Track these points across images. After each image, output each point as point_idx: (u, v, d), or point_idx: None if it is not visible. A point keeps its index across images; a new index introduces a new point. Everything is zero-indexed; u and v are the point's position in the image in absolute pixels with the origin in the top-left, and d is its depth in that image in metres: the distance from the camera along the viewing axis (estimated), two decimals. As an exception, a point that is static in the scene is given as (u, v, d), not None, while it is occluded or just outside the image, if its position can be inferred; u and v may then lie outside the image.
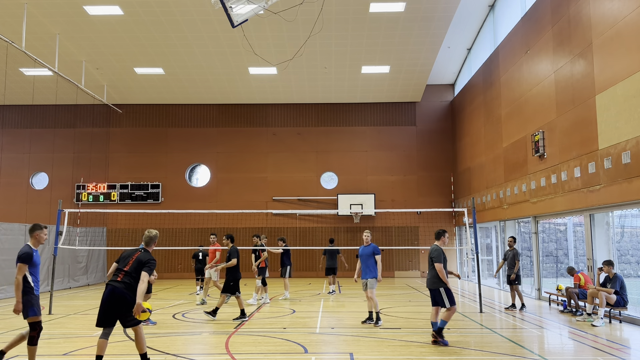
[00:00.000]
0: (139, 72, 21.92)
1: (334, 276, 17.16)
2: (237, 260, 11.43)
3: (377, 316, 10.46)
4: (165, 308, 13.38)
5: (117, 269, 6.76)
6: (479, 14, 20.33)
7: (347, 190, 24.82)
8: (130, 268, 6.67)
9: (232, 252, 11.52)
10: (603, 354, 7.87)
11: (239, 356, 7.73)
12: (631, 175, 10.42)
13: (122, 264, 6.78)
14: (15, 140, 25.79)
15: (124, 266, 6.73)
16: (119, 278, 6.62)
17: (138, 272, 6.63)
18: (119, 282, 6.57)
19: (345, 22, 17.68)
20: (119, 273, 6.68)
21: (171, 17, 17.25)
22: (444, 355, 7.70)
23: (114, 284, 6.57)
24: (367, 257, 10.69)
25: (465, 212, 15.24)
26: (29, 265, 6.70)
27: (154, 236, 7.08)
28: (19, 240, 17.07)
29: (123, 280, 6.59)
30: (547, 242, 16.34)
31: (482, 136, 20.29)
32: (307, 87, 23.75)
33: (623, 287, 10.67)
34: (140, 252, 6.86)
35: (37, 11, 16.81)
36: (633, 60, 10.35)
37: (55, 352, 7.68)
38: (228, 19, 10.67)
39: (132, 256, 6.80)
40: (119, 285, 6.55)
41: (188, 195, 25.10)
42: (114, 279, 6.65)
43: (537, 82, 15.06)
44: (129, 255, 6.83)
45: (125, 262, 6.76)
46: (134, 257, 6.77)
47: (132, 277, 6.63)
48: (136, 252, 6.88)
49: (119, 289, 6.52)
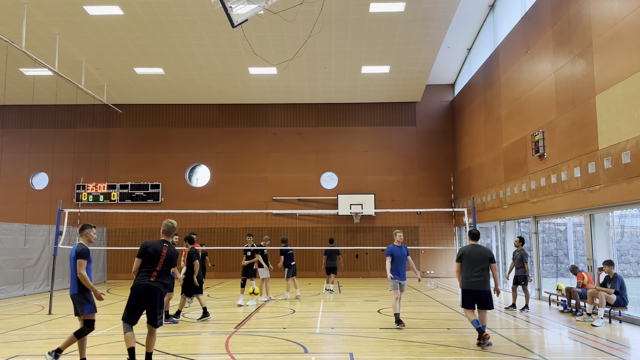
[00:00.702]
0: (139, 72, 21.92)
1: (333, 275, 17.17)
2: (198, 262, 11.35)
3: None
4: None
5: (148, 269, 6.69)
6: (479, 14, 20.33)
7: (347, 190, 24.82)
8: (163, 267, 6.76)
9: (191, 254, 11.40)
10: (603, 354, 7.87)
11: (239, 356, 7.73)
12: (631, 175, 10.42)
13: (152, 262, 6.72)
14: (15, 140, 25.80)
15: (155, 265, 6.71)
16: (152, 278, 6.66)
17: (169, 269, 6.86)
18: (154, 282, 6.65)
19: (345, 22, 17.68)
20: (151, 272, 6.68)
21: (171, 17, 17.25)
22: (444, 355, 7.70)
23: (149, 283, 6.62)
24: (404, 257, 10.39)
25: (465, 212, 15.26)
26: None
27: (173, 226, 7.05)
28: (18, 240, 17.07)
29: (158, 281, 6.68)
30: (547, 242, 16.34)
31: (482, 136, 20.29)
32: (307, 87, 23.75)
33: (623, 287, 10.68)
34: (167, 247, 6.88)
35: (37, 11, 16.81)
36: (633, 60, 10.35)
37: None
38: (228, 19, 10.67)
39: (162, 253, 6.78)
40: (155, 284, 6.65)
41: (188, 195, 25.10)
42: (146, 279, 6.64)
43: (537, 82, 15.05)
44: (158, 252, 6.77)
45: (156, 261, 6.73)
46: (164, 255, 6.79)
47: (165, 276, 6.79)
48: (162, 247, 6.84)
49: (155, 287, 6.64)
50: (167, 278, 6.88)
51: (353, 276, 23.92)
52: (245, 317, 11.69)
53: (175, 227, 7.07)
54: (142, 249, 6.77)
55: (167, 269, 6.84)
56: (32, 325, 10.68)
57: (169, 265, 6.88)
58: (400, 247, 10.34)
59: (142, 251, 6.77)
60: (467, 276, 8.55)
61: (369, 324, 10.75)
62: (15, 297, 16.39)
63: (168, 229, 7.01)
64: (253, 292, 13.65)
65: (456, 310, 12.83)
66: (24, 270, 17.25)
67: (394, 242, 10.39)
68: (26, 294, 17.14)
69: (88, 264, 7.02)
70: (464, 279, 8.59)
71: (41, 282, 18.14)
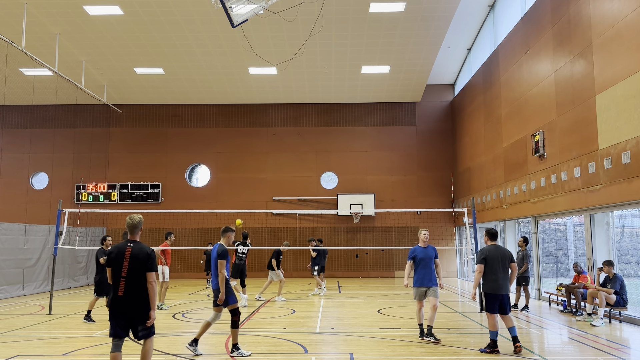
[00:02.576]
0: (139, 72, 21.91)
1: (322, 274, 17.32)
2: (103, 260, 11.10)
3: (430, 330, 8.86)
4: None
5: (115, 278, 5.73)
6: (479, 14, 20.33)
7: (347, 190, 24.82)
8: (129, 272, 5.70)
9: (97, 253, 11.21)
10: (603, 354, 7.87)
11: (239, 356, 7.72)
12: (631, 175, 10.42)
13: (117, 268, 5.74)
14: (15, 140, 25.79)
15: (120, 271, 5.71)
16: (119, 291, 5.67)
17: (141, 274, 5.73)
18: (122, 296, 5.68)
19: (345, 22, 17.68)
20: (118, 283, 5.69)
21: (171, 17, 17.24)
22: (444, 356, 7.70)
23: (118, 298, 5.69)
24: (431, 260, 8.99)
25: (465, 212, 15.25)
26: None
27: (138, 222, 5.98)
28: (18, 240, 17.07)
29: (126, 292, 5.67)
30: (547, 242, 16.34)
31: (482, 136, 20.29)
32: (307, 87, 23.75)
33: (623, 287, 10.68)
34: (131, 247, 5.80)
35: (37, 11, 16.81)
36: (633, 60, 10.35)
37: (55, 352, 7.67)
38: (228, 19, 10.67)
39: (124, 256, 5.75)
40: (124, 297, 5.68)
41: (188, 195, 25.10)
42: (115, 291, 5.70)
43: (537, 82, 15.05)
44: (121, 255, 5.76)
45: (120, 266, 5.71)
46: (127, 257, 5.74)
47: (136, 283, 5.70)
48: (126, 248, 5.80)
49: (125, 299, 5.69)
50: (140, 285, 5.72)
51: (353, 276, 23.91)
52: (245, 317, 11.69)
53: (138, 224, 5.96)
54: (107, 255, 5.88)
55: (136, 274, 5.72)
56: (32, 325, 10.68)
57: (139, 269, 5.73)
58: (426, 248, 9.03)
59: (107, 258, 5.87)
60: (492, 279, 8.01)
61: (369, 324, 10.75)
62: (15, 297, 16.38)
63: (130, 226, 5.96)
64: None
65: (456, 310, 12.84)
66: (24, 270, 17.24)
67: (419, 243, 9.14)
68: (26, 294, 17.14)
69: (227, 263, 7.85)
70: (489, 282, 8.03)
71: (41, 282, 18.13)
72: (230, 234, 8.15)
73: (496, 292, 7.97)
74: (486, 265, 8.08)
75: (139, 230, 5.97)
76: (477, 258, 8.33)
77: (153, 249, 6.00)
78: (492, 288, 8.01)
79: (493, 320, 8.00)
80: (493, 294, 8.00)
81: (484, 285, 8.15)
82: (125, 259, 5.73)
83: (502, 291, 7.98)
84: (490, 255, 8.09)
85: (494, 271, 8.02)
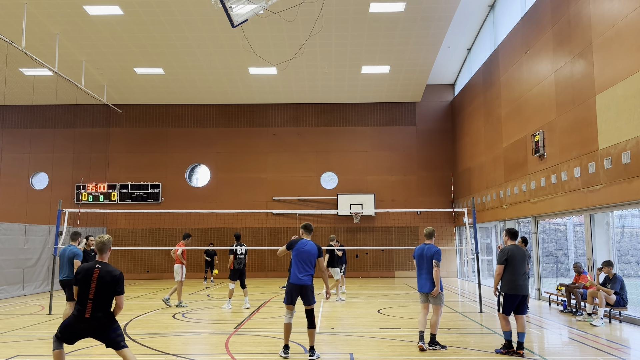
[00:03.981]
0: (139, 72, 21.91)
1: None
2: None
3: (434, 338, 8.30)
4: (165, 308, 13.38)
5: (82, 299, 5.53)
6: (479, 14, 20.33)
7: (347, 190, 24.82)
8: (96, 294, 5.51)
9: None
10: (603, 354, 7.87)
11: (239, 356, 7.73)
12: (631, 175, 10.42)
13: (84, 290, 5.55)
14: (15, 140, 25.79)
15: (87, 293, 5.52)
16: (87, 313, 5.48)
17: (109, 298, 5.60)
18: (89, 318, 5.49)
19: (345, 22, 17.68)
20: (85, 304, 5.50)
21: (171, 17, 17.24)
22: (444, 356, 7.69)
23: (83, 320, 5.50)
24: (423, 261, 8.38)
25: (465, 212, 15.26)
26: None
27: (107, 241, 5.80)
28: (18, 240, 17.08)
29: (93, 315, 5.49)
30: (547, 242, 16.34)
31: (482, 136, 20.29)
32: (307, 87, 23.75)
33: (623, 287, 10.68)
34: (99, 269, 5.59)
35: (37, 11, 16.81)
36: (633, 60, 10.35)
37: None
38: (228, 19, 10.67)
39: (92, 278, 5.54)
40: (92, 320, 5.50)
41: (188, 195, 25.09)
42: (82, 314, 5.49)
43: (537, 82, 15.05)
44: (88, 277, 5.56)
45: (87, 288, 5.53)
46: (94, 279, 5.54)
47: (104, 306, 5.56)
48: (93, 270, 5.59)
49: (92, 321, 5.51)
50: (107, 308, 5.60)
51: (353, 276, 23.90)
52: (245, 317, 11.69)
53: (107, 242, 5.78)
54: (75, 275, 5.72)
55: (104, 297, 5.54)
56: (32, 325, 10.68)
57: (106, 291, 5.55)
58: (423, 247, 8.45)
59: (75, 278, 5.70)
60: (513, 280, 7.82)
61: (369, 324, 10.75)
62: (15, 297, 16.38)
63: (99, 244, 5.76)
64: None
65: (456, 310, 12.84)
66: (24, 270, 17.24)
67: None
68: (26, 294, 17.14)
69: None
70: (510, 283, 7.83)
71: (41, 282, 18.14)
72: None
73: (517, 293, 7.83)
74: (507, 265, 7.90)
75: (108, 250, 5.77)
76: (498, 258, 8.10)
77: (121, 272, 5.65)
78: (513, 289, 7.84)
79: (506, 320, 7.93)
80: (514, 295, 7.83)
81: (504, 286, 7.92)
82: (93, 281, 5.55)
83: (524, 291, 7.88)
84: (512, 255, 7.91)
85: (514, 272, 7.86)
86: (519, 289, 7.82)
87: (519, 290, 7.82)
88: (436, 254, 8.22)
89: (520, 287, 7.83)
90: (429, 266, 8.25)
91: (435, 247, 8.33)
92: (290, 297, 7.70)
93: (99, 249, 5.75)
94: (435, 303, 8.26)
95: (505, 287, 7.90)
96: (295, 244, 7.80)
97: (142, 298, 16.01)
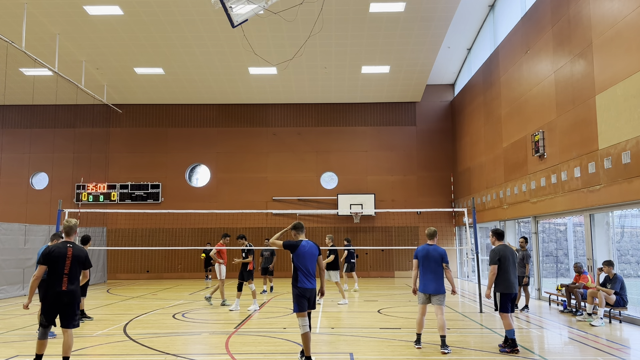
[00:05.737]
0: (139, 72, 21.91)
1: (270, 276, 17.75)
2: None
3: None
4: (165, 308, 13.38)
5: (57, 275, 6.45)
6: (479, 14, 20.33)
7: (347, 190, 24.82)
8: (71, 269, 6.53)
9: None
10: (603, 354, 7.87)
11: (239, 356, 7.73)
12: (631, 175, 10.42)
13: (58, 267, 6.47)
14: (15, 140, 25.79)
15: (63, 269, 6.47)
16: (64, 286, 6.44)
17: (79, 271, 6.65)
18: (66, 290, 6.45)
19: (345, 22, 17.68)
20: (61, 278, 6.45)
21: (171, 17, 17.25)
22: (444, 356, 7.69)
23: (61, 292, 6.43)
24: (431, 261, 8.23)
25: (465, 212, 15.27)
26: None
27: (74, 225, 6.78)
28: (18, 240, 17.07)
29: (69, 287, 6.48)
30: (547, 242, 16.34)
31: (482, 136, 20.29)
32: (307, 87, 23.75)
33: (623, 287, 10.68)
34: (72, 248, 6.61)
35: (37, 11, 16.81)
36: (633, 60, 10.35)
37: (55, 352, 7.66)
38: (228, 19, 10.67)
39: (67, 255, 6.52)
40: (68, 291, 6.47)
41: (188, 195, 25.09)
42: (58, 287, 6.42)
43: (537, 82, 15.06)
44: (63, 255, 6.52)
45: (63, 265, 6.47)
46: (69, 256, 6.54)
47: (76, 279, 6.59)
48: (67, 248, 6.57)
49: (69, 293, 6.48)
50: (78, 281, 6.66)
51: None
52: (245, 317, 11.69)
53: (74, 226, 6.77)
54: (45, 255, 6.51)
55: (76, 271, 6.60)
56: (32, 325, 10.68)
57: (78, 266, 6.63)
58: (427, 247, 8.36)
59: (45, 257, 6.51)
60: (508, 279, 8.08)
61: (369, 324, 10.75)
62: (15, 297, 16.38)
63: (67, 229, 6.74)
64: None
65: (456, 310, 12.83)
66: (24, 270, 17.24)
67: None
68: (26, 294, 17.12)
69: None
70: (505, 282, 8.06)
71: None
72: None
73: (511, 291, 8.12)
74: (500, 265, 8.15)
75: (74, 232, 6.78)
76: (490, 259, 8.33)
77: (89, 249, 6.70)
78: (507, 287, 8.12)
79: (509, 319, 8.03)
80: (508, 293, 8.11)
81: (498, 285, 8.16)
82: (68, 258, 6.53)
83: (515, 290, 8.19)
84: (503, 255, 8.19)
85: (507, 270, 8.14)
86: (512, 287, 8.13)
87: (512, 289, 8.13)
88: (445, 255, 8.25)
89: (513, 286, 8.15)
90: (435, 267, 8.18)
91: (441, 248, 8.34)
92: (305, 302, 7.12)
93: (66, 232, 6.74)
94: (439, 303, 8.17)
95: (500, 286, 8.16)
96: (297, 247, 7.42)
97: (142, 298, 16.01)
